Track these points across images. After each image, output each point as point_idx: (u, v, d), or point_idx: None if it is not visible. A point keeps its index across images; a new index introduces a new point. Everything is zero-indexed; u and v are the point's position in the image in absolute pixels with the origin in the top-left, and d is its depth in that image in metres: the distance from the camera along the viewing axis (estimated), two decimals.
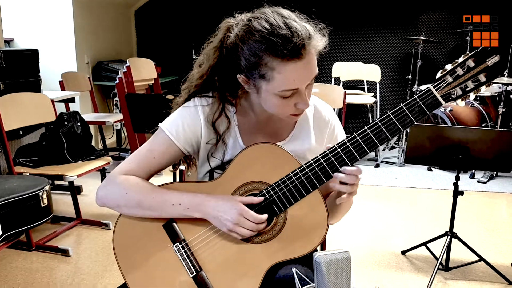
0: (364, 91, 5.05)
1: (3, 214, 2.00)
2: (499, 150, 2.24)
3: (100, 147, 4.59)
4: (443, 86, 1.00)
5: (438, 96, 1.00)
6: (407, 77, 4.77)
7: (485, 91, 3.97)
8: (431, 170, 4.26)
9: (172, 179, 2.35)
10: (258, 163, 1.08)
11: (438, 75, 1.01)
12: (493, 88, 4.07)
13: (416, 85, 4.53)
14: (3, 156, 2.62)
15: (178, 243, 1.09)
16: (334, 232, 2.67)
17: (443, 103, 1.00)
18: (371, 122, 1.04)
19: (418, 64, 4.57)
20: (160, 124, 1.17)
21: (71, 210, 3.04)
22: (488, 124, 4.11)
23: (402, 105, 1.01)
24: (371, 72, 4.87)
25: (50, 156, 2.79)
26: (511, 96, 4.10)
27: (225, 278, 1.08)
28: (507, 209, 3.49)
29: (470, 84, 1.00)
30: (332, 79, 4.94)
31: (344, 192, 1.05)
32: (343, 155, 1.04)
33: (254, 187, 1.09)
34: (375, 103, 4.78)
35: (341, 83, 4.88)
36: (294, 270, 0.99)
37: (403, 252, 2.66)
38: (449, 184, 3.78)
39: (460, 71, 1.00)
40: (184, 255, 1.09)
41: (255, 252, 1.07)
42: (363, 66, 4.96)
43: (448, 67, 1.01)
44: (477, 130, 2.40)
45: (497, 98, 4.12)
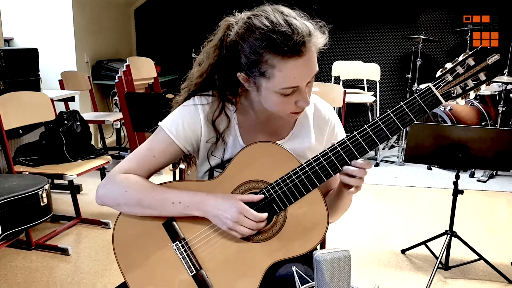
0: (363, 90, 5.05)
1: (3, 213, 2.00)
2: (498, 149, 2.24)
3: (100, 146, 4.59)
4: (443, 85, 1.00)
5: (438, 95, 1.00)
6: (406, 76, 4.77)
7: (485, 90, 3.97)
8: (431, 169, 4.26)
9: (171, 178, 2.34)
10: (258, 162, 1.08)
11: (438, 73, 1.01)
12: (493, 87, 4.07)
13: (416, 84, 4.53)
14: (2, 155, 2.62)
15: (178, 242, 1.09)
16: (334, 231, 2.67)
17: (443, 101, 1.00)
18: (371, 121, 1.04)
19: (418, 63, 4.57)
20: (160, 123, 1.16)
21: (71, 209, 3.04)
22: (488, 123, 4.11)
23: (402, 103, 1.01)
24: (371, 71, 4.87)
25: (50, 155, 2.79)
26: (511, 95, 4.10)
27: (225, 276, 1.08)
28: (506, 208, 3.49)
29: (470, 83, 0.99)
30: (332, 78, 4.94)
31: (352, 185, 1.07)
32: (343, 153, 1.04)
33: (254, 185, 1.09)
34: (375, 102, 4.78)
35: (340, 82, 4.87)
36: (294, 268, 0.99)
37: (403, 251, 2.66)
38: (449, 183, 3.78)
39: (460, 70, 1.00)
40: (184, 254, 1.09)
41: (255, 250, 1.07)
42: (363, 65, 4.95)
43: (448, 65, 1.01)
44: (477, 129, 2.40)
45: (496, 97, 4.11)
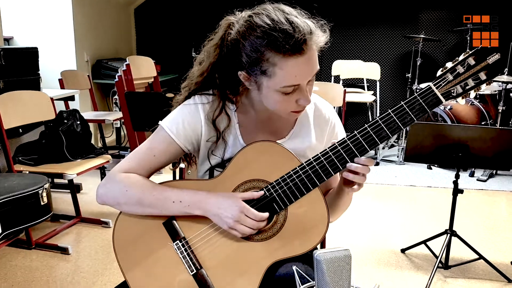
0: (364, 90, 5.05)
1: (3, 212, 2.00)
2: (498, 148, 2.24)
3: (100, 145, 4.59)
4: (444, 84, 1.00)
5: (439, 94, 1.00)
6: (406, 75, 4.76)
7: (485, 89, 3.95)
8: (431, 168, 4.26)
9: (171, 177, 2.34)
10: (258, 161, 1.08)
11: (439, 73, 1.01)
12: (493, 86, 4.06)
13: (416, 83, 4.53)
14: (2, 154, 2.62)
15: (178, 241, 1.09)
16: (334, 230, 2.67)
17: (444, 101, 1.00)
18: (371, 120, 1.04)
19: (418, 63, 4.57)
20: (160, 122, 1.16)
21: (71, 208, 3.04)
22: (488, 122, 4.11)
23: (403, 103, 1.01)
24: (371, 70, 4.87)
25: (50, 154, 2.79)
26: (511, 95, 4.10)
27: (225, 276, 1.08)
28: (506, 207, 3.49)
29: (471, 82, 0.99)
30: (332, 77, 4.94)
31: (355, 182, 1.07)
32: (343, 153, 1.04)
33: (254, 185, 1.09)
34: (375, 101, 4.78)
35: (340, 81, 4.87)
36: (294, 268, 0.99)
37: (403, 250, 2.67)
38: (448, 182, 3.79)
39: (460, 69, 0.99)
40: (184, 253, 1.09)
41: (255, 250, 1.07)
42: (363, 64, 4.95)
43: (449, 65, 1.01)
44: (476, 128, 2.39)
45: (496, 96, 4.11)
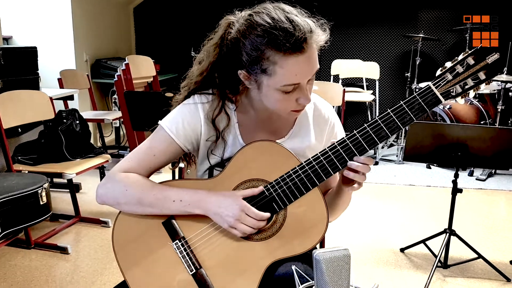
0: (363, 89, 5.05)
1: (2, 212, 1.99)
2: (497, 148, 2.24)
3: (99, 145, 4.58)
4: (443, 84, 1.00)
5: (438, 94, 1.00)
6: (406, 74, 4.77)
7: (484, 89, 3.95)
8: (430, 168, 4.27)
9: (171, 177, 2.35)
10: (257, 161, 1.08)
11: (438, 72, 1.01)
12: (492, 86, 4.07)
13: (415, 82, 4.53)
14: (1, 154, 2.62)
15: (177, 241, 1.09)
16: (333, 230, 2.68)
17: (443, 100, 1.00)
18: (370, 120, 1.04)
19: (417, 62, 4.57)
20: (160, 122, 1.16)
21: (70, 208, 3.04)
22: (487, 121, 4.11)
23: (402, 102, 1.01)
24: (370, 69, 4.87)
25: (49, 154, 2.79)
26: (510, 94, 4.10)
27: (224, 275, 1.08)
28: (505, 206, 3.50)
29: (470, 82, 1.00)
30: (331, 77, 4.94)
31: (355, 181, 1.07)
32: (343, 152, 1.04)
33: (254, 184, 1.08)
34: (374, 100, 4.78)
35: (340, 81, 4.87)
36: (293, 267, 0.99)
37: (402, 250, 2.67)
38: (448, 181, 3.79)
39: (460, 69, 1.00)
40: (184, 253, 1.09)
41: (254, 249, 1.07)
42: (362, 63, 4.95)
43: (448, 64, 1.01)
44: (476, 127, 2.40)
45: (496, 95, 4.12)
